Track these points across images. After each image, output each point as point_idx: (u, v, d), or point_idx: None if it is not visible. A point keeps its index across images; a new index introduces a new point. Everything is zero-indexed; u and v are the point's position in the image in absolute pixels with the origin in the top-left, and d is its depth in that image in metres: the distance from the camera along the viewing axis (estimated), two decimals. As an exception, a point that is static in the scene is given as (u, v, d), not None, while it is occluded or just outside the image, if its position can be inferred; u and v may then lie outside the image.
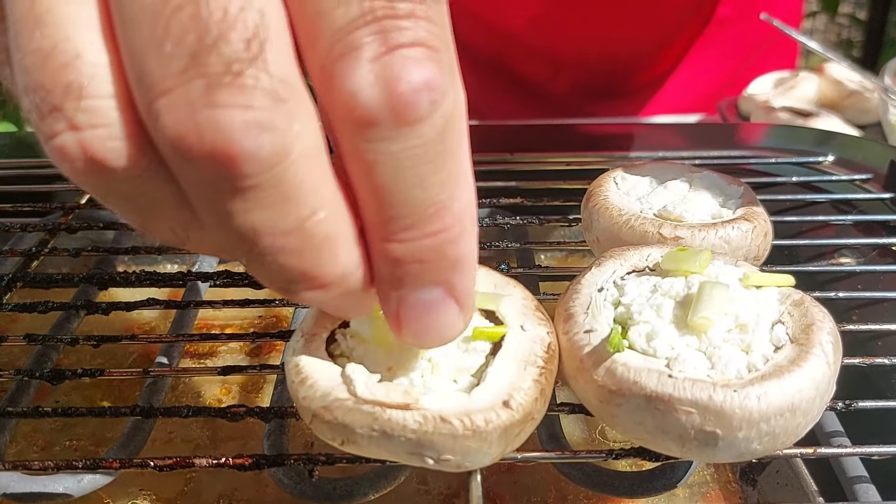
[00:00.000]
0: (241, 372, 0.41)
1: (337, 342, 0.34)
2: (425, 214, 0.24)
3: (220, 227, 0.23)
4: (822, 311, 0.33)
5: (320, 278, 0.25)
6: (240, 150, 0.21)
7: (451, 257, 0.26)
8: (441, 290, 0.27)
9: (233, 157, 0.21)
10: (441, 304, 0.27)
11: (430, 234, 0.25)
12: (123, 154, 0.22)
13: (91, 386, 0.52)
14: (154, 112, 0.21)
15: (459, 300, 0.27)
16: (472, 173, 0.25)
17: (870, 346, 0.45)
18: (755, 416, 0.30)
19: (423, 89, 0.22)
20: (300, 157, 0.22)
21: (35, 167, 0.64)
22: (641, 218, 0.41)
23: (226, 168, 0.21)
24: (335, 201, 0.24)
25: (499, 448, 0.31)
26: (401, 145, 0.23)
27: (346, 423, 0.30)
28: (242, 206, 0.22)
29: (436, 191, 0.24)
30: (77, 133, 0.21)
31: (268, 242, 0.23)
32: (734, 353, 0.32)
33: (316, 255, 0.24)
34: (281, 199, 0.22)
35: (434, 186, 0.24)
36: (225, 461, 0.35)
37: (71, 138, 0.21)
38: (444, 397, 0.31)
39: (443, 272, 0.26)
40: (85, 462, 0.35)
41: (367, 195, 0.24)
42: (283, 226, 0.23)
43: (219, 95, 0.20)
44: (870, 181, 0.58)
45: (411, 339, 0.28)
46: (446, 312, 0.27)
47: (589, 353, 0.32)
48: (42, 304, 0.45)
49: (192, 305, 0.47)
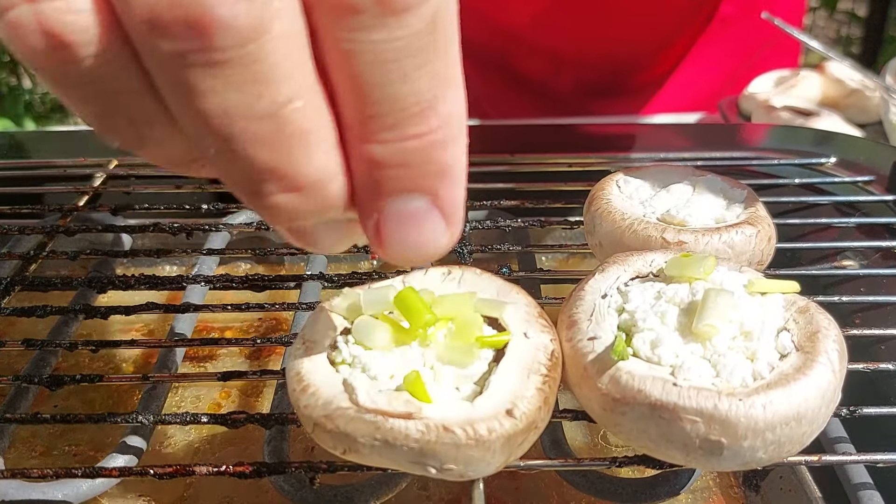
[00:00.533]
0: (241, 378, 0.40)
1: (338, 349, 0.33)
2: (409, 112, 0.23)
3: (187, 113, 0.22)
4: (827, 319, 0.33)
5: (294, 178, 0.23)
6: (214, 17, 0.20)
7: (436, 163, 0.24)
8: (426, 200, 0.25)
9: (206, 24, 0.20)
10: (425, 216, 0.25)
11: (414, 136, 0.23)
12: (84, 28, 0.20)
13: (90, 390, 0.52)
14: None
15: (445, 212, 0.25)
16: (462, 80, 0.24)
17: (873, 351, 0.45)
18: (760, 425, 0.29)
19: None
20: (279, 36, 0.21)
21: (33, 168, 0.64)
22: (644, 222, 0.41)
23: (198, 37, 0.20)
24: (314, 92, 0.22)
25: (502, 457, 0.30)
26: (384, 35, 0.21)
27: (347, 433, 0.30)
28: (213, 83, 0.21)
29: (421, 87, 0.22)
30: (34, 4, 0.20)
31: (239, 127, 0.22)
32: (739, 360, 0.31)
33: (290, 148, 0.22)
34: (256, 79, 0.21)
35: (419, 82, 0.22)
36: (225, 469, 0.35)
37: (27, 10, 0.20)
38: (447, 406, 0.30)
39: (428, 179, 0.24)
40: (84, 470, 0.35)
41: (347, 90, 0.23)
42: (257, 109, 0.21)
43: None
44: (872, 183, 0.58)
45: (393, 255, 0.26)
46: (431, 225, 0.25)
47: (593, 361, 0.32)
48: (41, 308, 0.45)
49: (192, 309, 0.46)
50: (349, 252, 0.52)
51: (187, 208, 0.57)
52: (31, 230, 0.54)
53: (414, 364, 0.32)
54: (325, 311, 0.35)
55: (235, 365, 0.55)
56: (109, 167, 0.62)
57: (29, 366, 0.45)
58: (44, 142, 0.72)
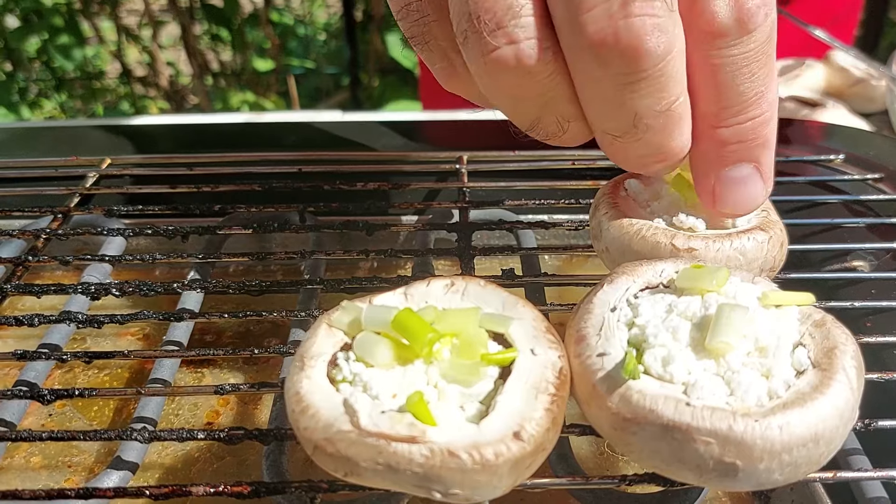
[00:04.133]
0: (237, 391, 0.39)
1: (339, 366, 0.32)
2: (750, 102, 0.33)
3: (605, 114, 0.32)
4: (844, 333, 0.32)
5: (669, 151, 0.34)
6: (645, 47, 0.29)
7: (762, 137, 0.34)
8: (751, 167, 0.35)
9: (639, 52, 0.29)
10: (750, 179, 0.35)
11: (751, 118, 0.33)
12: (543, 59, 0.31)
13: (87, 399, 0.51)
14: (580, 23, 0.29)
15: (764, 175, 0.35)
16: None
17: (885, 356, 0.44)
18: (777, 446, 0.28)
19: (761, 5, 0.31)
20: (677, 53, 0.31)
21: (23, 167, 0.62)
22: (653, 228, 0.40)
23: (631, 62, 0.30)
24: (685, 91, 0.32)
25: (509, 481, 0.30)
26: (741, 49, 0.32)
27: (349, 457, 0.29)
28: (632, 94, 0.31)
29: (759, 83, 0.33)
30: (514, 45, 0.30)
31: (644, 122, 0.32)
32: (754, 378, 0.30)
33: (671, 131, 0.33)
34: (660, 87, 0.31)
35: (758, 79, 0.33)
36: (223, 489, 0.34)
37: (509, 50, 0.30)
38: (452, 429, 0.29)
39: (755, 151, 0.34)
40: (77, 491, 0.34)
41: (708, 90, 0.33)
42: (658, 108, 0.32)
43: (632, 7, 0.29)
44: (882, 180, 0.57)
45: (723, 208, 0.36)
46: (754, 185, 0.35)
47: (602, 379, 0.31)
48: (35, 316, 0.44)
49: (187, 317, 0.45)
50: (348, 255, 0.51)
51: (182, 210, 0.55)
52: (23, 234, 0.53)
53: (417, 382, 0.31)
54: (325, 326, 0.34)
55: (233, 371, 0.54)
56: (102, 167, 0.61)
57: (21, 376, 0.43)
58: (34, 139, 0.70)
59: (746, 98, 0.33)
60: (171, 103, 2.59)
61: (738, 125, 0.33)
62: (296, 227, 0.53)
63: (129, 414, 0.50)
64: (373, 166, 0.61)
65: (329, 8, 2.91)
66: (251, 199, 0.57)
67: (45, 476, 0.46)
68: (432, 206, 0.56)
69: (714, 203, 0.36)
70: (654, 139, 0.33)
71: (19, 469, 0.46)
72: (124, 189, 0.59)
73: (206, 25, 2.55)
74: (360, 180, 0.57)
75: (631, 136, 0.33)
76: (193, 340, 0.54)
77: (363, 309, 0.33)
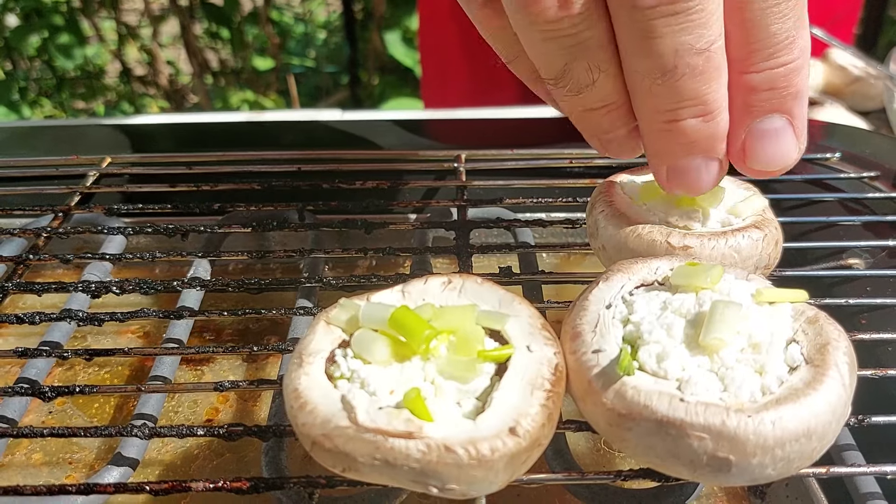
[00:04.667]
0: (236, 388, 0.40)
1: (336, 363, 0.33)
2: (782, 45, 0.31)
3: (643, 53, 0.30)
4: (837, 330, 0.32)
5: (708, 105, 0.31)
6: None
7: (794, 87, 0.32)
8: (784, 119, 0.33)
9: None
10: (783, 132, 0.33)
11: (782, 63, 0.31)
12: None
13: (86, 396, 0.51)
14: None
15: (797, 129, 0.33)
16: None
17: (880, 353, 0.44)
18: (770, 441, 0.29)
19: None
20: None
21: (24, 167, 0.63)
22: (649, 226, 0.40)
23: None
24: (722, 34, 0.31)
25: (505, 476, 0.30)
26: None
27: (347, 452, 0.29)
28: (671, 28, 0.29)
29: (790, 25, 0.31)
30: None
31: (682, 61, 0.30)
32: (748, 374, 0.31)
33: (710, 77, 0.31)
34: (700, 23, 0.29)
35: (790, 21, 0.31)
36: (223, 485, 0.34)
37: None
38: (448, 424, 0.30)
39: (787, 101, 0.32)
40: (78, 487, 0.34)
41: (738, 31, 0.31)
42: (698, 46, 0.30)
43: None
44: (878, 178, 0.57)
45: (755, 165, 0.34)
46: (786, 139, 0.33)
47: (597, 375, 0.31)
48: (36, 314, 0.44)
49: (187, 315, 0.45)
50: (347, 253, 0.51)
51: (182, 208, 0.56)
52: (24, 233, 0.53)
53: (414, 379, 0.31)
54: (323, 323, 0.34)
55: (233, 368, 0.54)
56: (102, 165, 0.61)
57: (22, 374, 0.44)
58: (35, 138, 0.71)
59: (778, 40, 0.31)
60: (171, 102, 2.59)
61: (770, 70, 0.32)
62: (295, 226, 0.54)
63: (130, 412, 0.50)
64: (371, 165, 0.61)
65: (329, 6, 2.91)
66: (250, 197, 0.57)
67: (46, 473, 0.46)
68: (431, 205, 0.56)
69: (745, 159, 0.34)
70: (690, 84, 0.31)
71: (20, 466, 0.47)
72: (124, 188, 0.59)
73: (205, 24, 2.55)
74: (359, 179, 0.57)
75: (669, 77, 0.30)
76: (193, 338, 0.54)
77: (361, 306, 0.34)
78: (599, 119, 0.34)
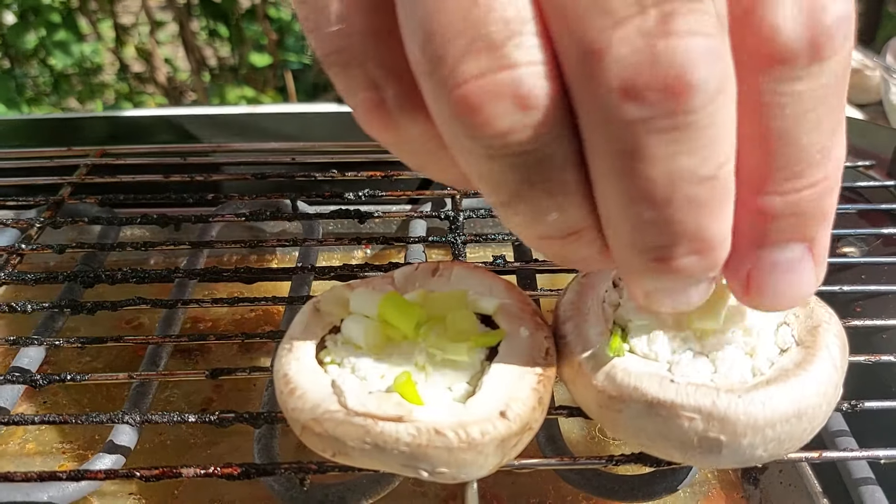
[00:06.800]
0: (230, 375, 0.40)
1: (327, 349, 0.33)
2: (812, 161, 0.23)
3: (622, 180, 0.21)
4: (828, 312, 0.32)
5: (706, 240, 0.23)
6: (696, 78, 0.19)
7: (823, 210, 0.24)
8: (803, 248, 0.25)
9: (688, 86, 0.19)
10: (800, 263, 0.25)
11: (811, 184, 0.23)
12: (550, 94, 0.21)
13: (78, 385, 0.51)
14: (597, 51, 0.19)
15: (817, 258, 0.25)
16: None
17: (874, 340, 0.44)
18: (760, 422, 0.29)
19: (843, 21, 0.21)
20: (730, 92, 0.21)
21: (17, 158, 0.62)
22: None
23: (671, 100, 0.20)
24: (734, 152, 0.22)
25: (495, 459, 0.30)
26: (809, 84, 0.21)
27: (337, 436, 0.29)
28: (667, 149, 0.20)
29: (826, 135, 0.22)
30: (511, 71, 0.20)
31: (680, 193, 0.21)
32: (738, 356, 0.31)
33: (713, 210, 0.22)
34: (706, 142, 0.21)
35: (826, 131, 0.22)
36: (213, 471, 0.34)
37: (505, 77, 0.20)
38: (438, 408, 0.29)
39: (811, 227, 0.24)
40: (69, 473, 0.34)
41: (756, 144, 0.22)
42: (701, 173, 0.21)
43: (676, 22, 0.19)
44: (873, 167, 0.57)
45: (762, 303, 0.26)
46: (804, 271, 0.25)
47: (588, 358, 0.31)
48: (28, 303, 0.44)
49: (180, 304, 0.45)
50: (341, 244, 0.51)
51: (175, 199, 0.56)
52: (17, 223, 0.53)
53: (405, 364, 0.31)
54: (314, 310, 0.34)
55: (227, 357, 0.54)
56: (96, 157, 0.61)
57: (15, 363, 0.44)
58: (28, 130, 0.70)
59: (808, 155, 0.22)
60: (169, 99, 2.59)
61: (794, 193, 0.23)
62: (288, 216, 0.54)
63: (123, 402, 0.50)
64: (365, 155, 0.61)
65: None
66: (244, 188, 0.57)
67: (40, 462, 0.46)
68: (425, 195, 0.56)
69: (747, 294, 0.26)
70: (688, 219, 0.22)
71: (14, 455, 0.47)
72: (118, 178, 0.59)
73: (203, 21, 2.55)
74: (353, 169, 0.57)
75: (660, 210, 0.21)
76: (186, 328, 0.54)
77: (351, 293, 0.33)
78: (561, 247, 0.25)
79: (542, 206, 0.23)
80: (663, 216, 0.22)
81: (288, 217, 0.53)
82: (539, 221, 0.24)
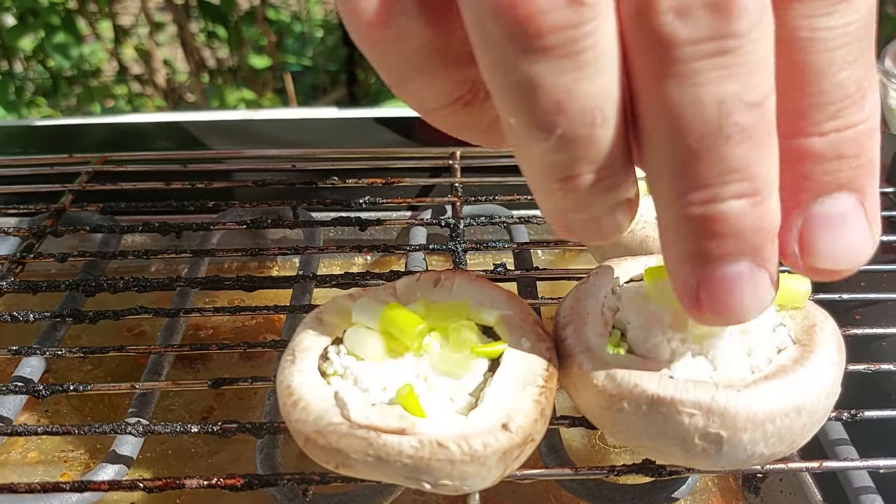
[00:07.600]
0: (232, 384, 0.40)
1: (329, 360, 0.33)
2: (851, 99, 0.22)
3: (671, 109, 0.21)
4: (823, 314, 0.33)
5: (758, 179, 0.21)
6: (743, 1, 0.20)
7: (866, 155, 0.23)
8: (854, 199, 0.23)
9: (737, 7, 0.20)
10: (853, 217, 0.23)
11: (853, 123, 0.22)
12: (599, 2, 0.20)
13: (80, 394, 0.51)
14: None
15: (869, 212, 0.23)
16: None
17: (874, 348, 0.45)
18: (760, 416, 0.29)
19: None
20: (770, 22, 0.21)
21: (18, 165, 0.62)
22: (642, 222, 0.40)
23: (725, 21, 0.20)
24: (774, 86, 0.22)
25: (498, 471, 0.30)
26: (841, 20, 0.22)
27: (340, 449, 0.29)
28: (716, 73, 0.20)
29: (862, 73, 0.22)
30: None
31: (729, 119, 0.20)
32: (736, 355, 0.31)
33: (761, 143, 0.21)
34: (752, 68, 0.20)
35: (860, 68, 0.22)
36: (216, 482, 0.34)
37: None
38: (441, 420, 0.30)
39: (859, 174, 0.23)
40: (72, 484, 0.34)
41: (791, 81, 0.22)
42: (748, 99, 0.20)
43: None
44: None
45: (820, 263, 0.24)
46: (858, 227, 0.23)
47: (588, 358, 0.31)
48: (30, 313, 0.44)
49: (182, 313, 0.45)
50: (342, 251, 0.51)
51: (176, 206, 0.56)
52: (18, 231, 0.53)
53: (407, 375, 0.31)
54: (316, 320, 0.34)
55: (228, 366, 0.54)
56: (97, 164, 0.61)
57: (17, 372, 0.44)
58: (29, 136, 0.70)
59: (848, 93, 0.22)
60: (168, 101, 2.59)
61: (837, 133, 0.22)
62: (289, 223, 0.54)
63: (125, 411, 0.50)
64: (366, 162, 0.61)
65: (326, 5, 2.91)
66: (245, 195, 0.57)
67: (42, 471, 0.46)
68: (425, 202, 0.56)
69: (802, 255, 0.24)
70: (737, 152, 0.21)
71: (16, 464, 0.47)
72: (119, 186, 0.59)
73: (202, 23, 2.55)
74: (354, 176, 0.58)
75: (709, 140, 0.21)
76: (188, 336, 0.54)
77: (353, 303, 0.34)
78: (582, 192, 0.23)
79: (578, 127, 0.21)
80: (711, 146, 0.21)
81: (289, 224, 0.53)
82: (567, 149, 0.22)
